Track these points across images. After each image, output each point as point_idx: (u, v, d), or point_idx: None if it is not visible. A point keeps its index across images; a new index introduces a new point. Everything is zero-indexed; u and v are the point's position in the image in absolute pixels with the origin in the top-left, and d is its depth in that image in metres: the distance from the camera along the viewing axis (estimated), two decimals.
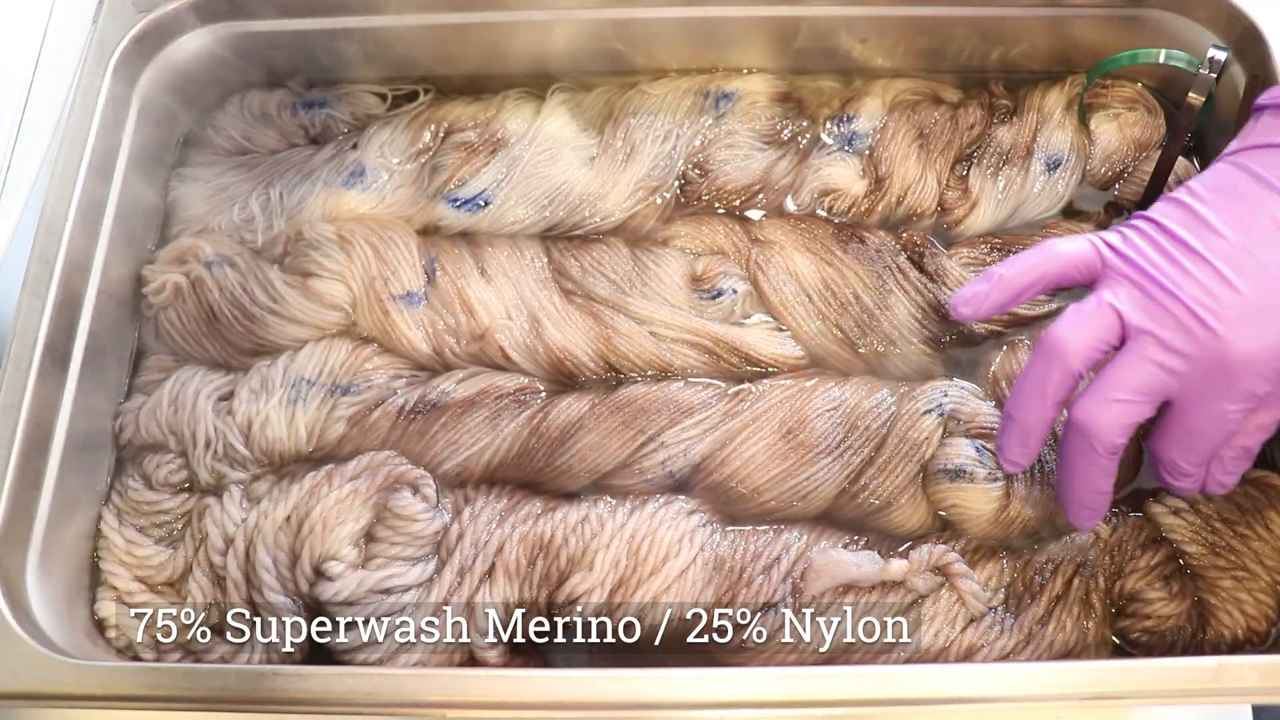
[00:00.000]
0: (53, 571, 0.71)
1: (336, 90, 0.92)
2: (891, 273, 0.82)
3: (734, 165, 0.87)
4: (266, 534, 0.72)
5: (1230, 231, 0.53)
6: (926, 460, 0.76)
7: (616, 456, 0.76)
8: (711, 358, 0.80)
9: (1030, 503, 0.74)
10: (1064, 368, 0.56)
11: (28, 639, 0.65)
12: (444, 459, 0.77)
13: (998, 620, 0.71)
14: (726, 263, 0.84)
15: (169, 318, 0.82)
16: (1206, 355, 0.52)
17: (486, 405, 0.78)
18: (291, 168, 0.88)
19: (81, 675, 0.64)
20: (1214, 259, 0.52)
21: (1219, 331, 0.51)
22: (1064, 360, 0.56)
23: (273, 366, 0.79)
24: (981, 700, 0.62)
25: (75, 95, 0.82)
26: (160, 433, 0.78)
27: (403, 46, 0.91)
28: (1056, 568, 0.72)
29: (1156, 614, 0.71)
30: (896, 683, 0.63)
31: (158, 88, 0.88)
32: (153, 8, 0.86)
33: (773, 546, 0.73)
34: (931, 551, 0.71)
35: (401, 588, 0.71)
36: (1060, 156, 0.87)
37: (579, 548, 0.72)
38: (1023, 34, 0.89)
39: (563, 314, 0.81)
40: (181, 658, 0.72)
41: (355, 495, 0.73)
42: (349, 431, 0.78)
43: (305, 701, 0.63)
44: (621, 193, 0.86)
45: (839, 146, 0.89)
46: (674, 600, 0.71)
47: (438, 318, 0.81)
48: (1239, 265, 0.52)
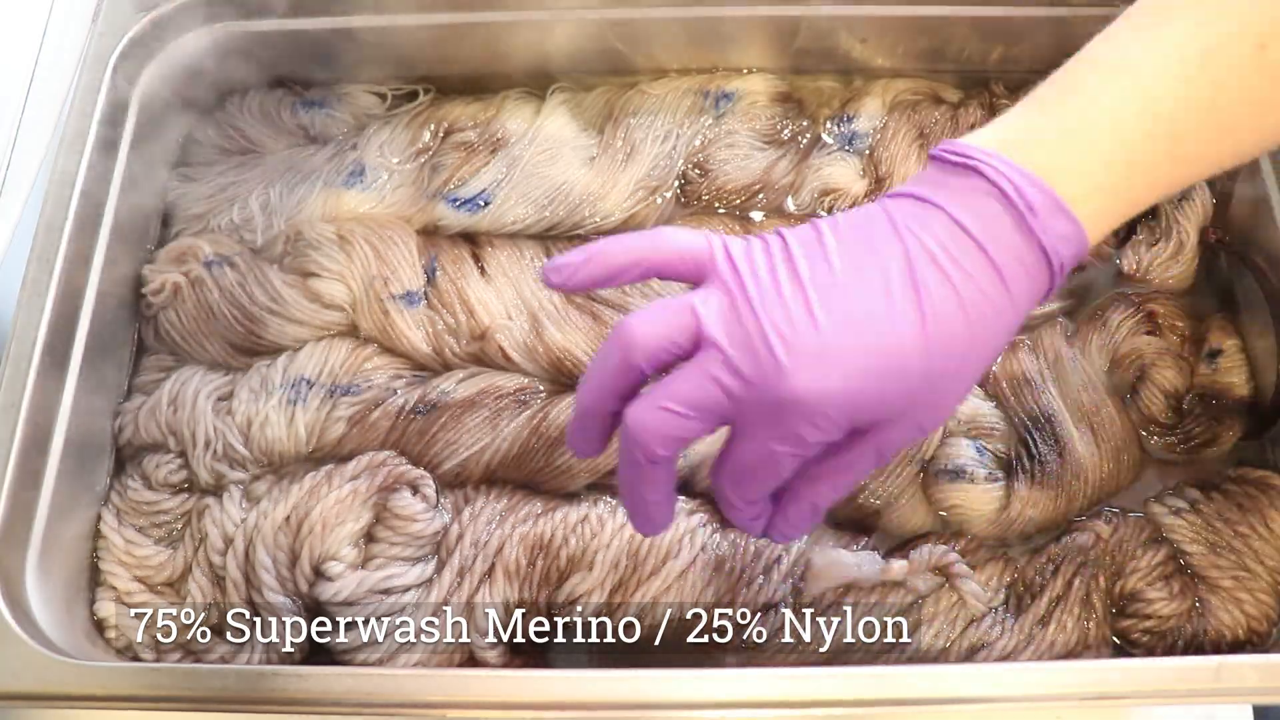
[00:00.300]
0: (52, 571, 0.71)
1: (336, 90, 0.92)
2: None
3: (734, 165, 0.87)
4: (266, 534, 0.72)
5: (842, 269, 0.49)
6: (926, 461, 0.76)
7: (616, 456, 0.76)
8: None
9: (1031, 503, 0.74)
10: (625, 358, 0.51)
11: (27, 639, 0.65)
12: (444, 459, 0.77)
13: (998, 620, 0.71)
14: None
15: (169, 318, 0.82)
16: (764, 384, 0.48)
17: (486, 405, 0.77)
18: (291, 168, 0.88)
19: (81, 675, 0.64)
20: (811, 291, 0.48)
21: (782, 363, 0.47)
22: (626, 350, 0.51)
23: (272, 366, 0.79)
24: (982, 700, 0.62)
25: (75, 95, 0.82)
26: (160, 433, 0.78)
27: (403, 46, 0.91)
28: (1057, 568, 0.72)
29: (1157, 614, 0.71)
30: (897, 683, 0.63)
31: (157, 87, 0.88)
32: (152, 7, 0.86)
33: (773, 547, 0.73)
34: (932, 552, 0.71)
35: (401, 588, 0.71)
36: None
37: (579, 548, 0.72)
38: (1023, 34, 0.89)
39: (563, 314, 0.81)
40: (181, 658, 0.71)
41: (355, 495, 0.73)
42: (349, 431, 0.78)
43: (305, 701, 0.63)
44: (621, 193, 0.86)
45: (839, 146, 0.89)
46: (674, 600, 0.71)
47: (438, 318, 0.81)
48: (831, 304, 0.48)
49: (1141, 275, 0.83)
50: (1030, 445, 0.76)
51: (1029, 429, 0.76)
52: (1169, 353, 0.79)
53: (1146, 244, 0.84)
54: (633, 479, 0.55)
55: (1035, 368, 0.78)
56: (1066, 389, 0.78)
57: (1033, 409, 0.77)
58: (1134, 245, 0.84)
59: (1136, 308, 0.81)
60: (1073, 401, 0.77)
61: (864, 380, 0.48)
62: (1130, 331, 0.80)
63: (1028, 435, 0.76)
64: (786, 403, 0.48)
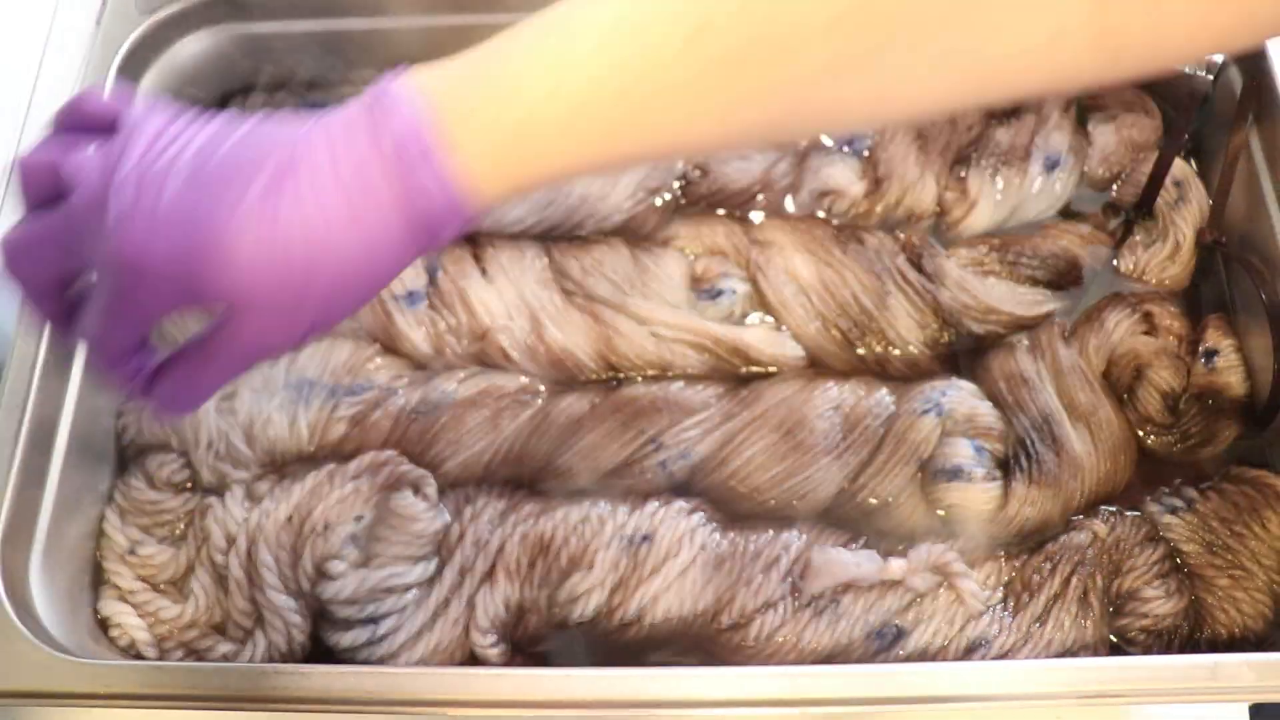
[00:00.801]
0: (56, 570, 0.71)
1: (338, 92, 0.93)
2: (890, 274, 0.82)
3: (734, 166, 0.87)
4: (268, 533, 0.73)
5: (224, 155, 0.48)
6: (925, 460, 0.76)
7: (617, 456, 0.76)
8: (711, 358, 0.81)
9: (1028, 503, 0.75)
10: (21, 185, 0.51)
11: (31, 637, 0.65)
12: (445, 459, 0.77)
13: (996, 619, 0.71)
14: (726, 263, 0.84)
15: (170, 318, 0.82)
16: (103, 233, 0.47)
17: (487, 405, 0.78)
18: None
19: (84, 674, 0.64)
20: (185, 161, 0.47)
21: (122, 213, 0.47)
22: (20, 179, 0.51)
23: (274, 366, 0.80)
24: (980, 699, 0.62)
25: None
26: (162, 432, 0.78)
27: (404, 48, 0.91)
28: (1054, 567, 0.72)
29: (1154, 613, 0.71)
30: (896, 682, 0.63)
31: (161, 89, 0.88)
32: (156, 9, 0.86)
33: (772, 546, 0.73)
34: (930, 551, 0.72)
35: (402, 587, 0.72)
36: (1058, 157, 0.87)
37: (579, 547, 0.72)
38: None
39: (563, 314, 0.81)
40: (184, 657, 0.72)
41: (357, 495, 0.73)
42: (350, 431, 0.78)
43: (306, 700, 0.63)
44: (622, 193, 0.86)
45: (838, 147, 0.89)
46: (674, 599, 0.71)
47: (439, 318, 0.81)
48: (195, 180, 0.47)
49: (1138, 276, 0.84)
50: (1028, 445, 0.76)
51: (1026, 429, 0.76)
52: (1166, 353, 0.80)
53: (1143, 245, 0.84)
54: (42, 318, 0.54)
55: (1033, 368, 0.79)
56: (1064, 389, 0.78)
57: (1030, 409, 0.77)
58: (1131, 246, 0.85)
59: (1133, 308, 0.81)
60: (1070, 401, 0.78)
61: (188, 256, 0.47)
62: (1127, 332, 0.80)
63: (1025, 435, 0.76)
64: (115, 254, 0.47)
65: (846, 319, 0.81)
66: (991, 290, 0.82)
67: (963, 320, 0.82)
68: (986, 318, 0.82)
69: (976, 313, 0.82)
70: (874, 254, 0.83)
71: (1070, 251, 0.84)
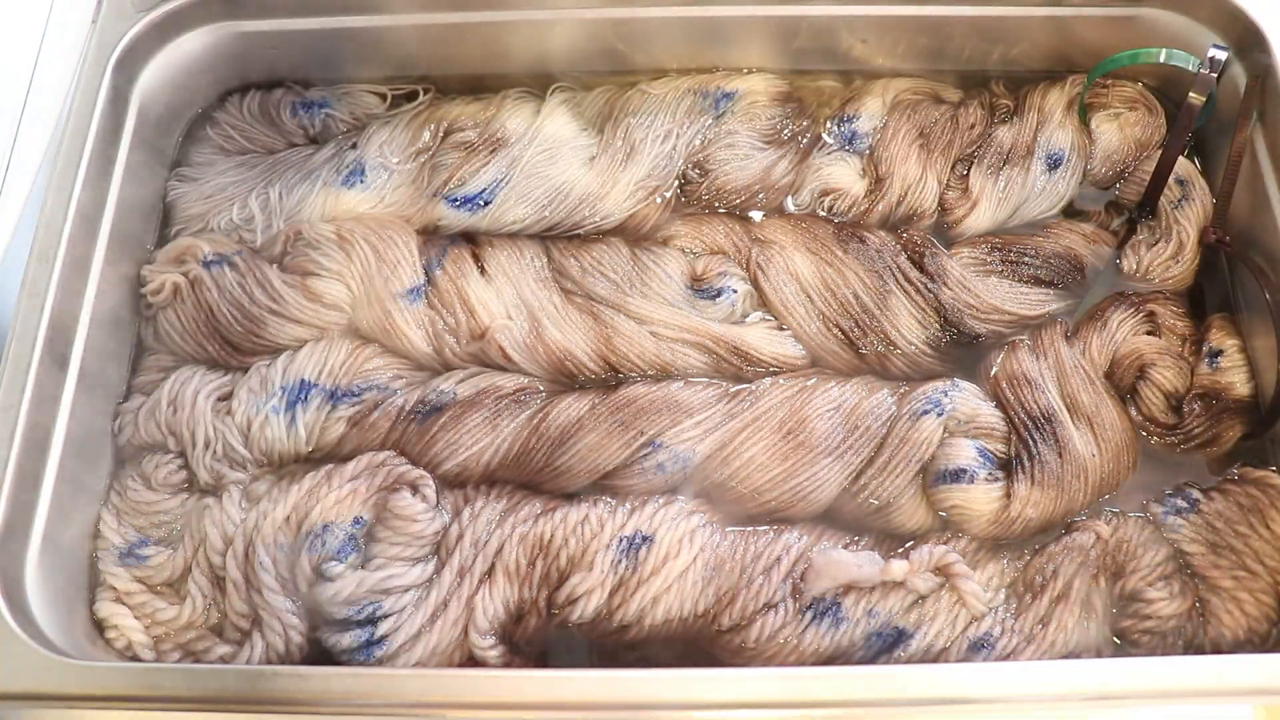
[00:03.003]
0: (52, 572, 0.71)
1: (336, 90, 0.92)
2: (892, 273, 0.82)
3: (734, 165, 0.87)
4: (266, 534, 0.72)
5: None
6: (927, 461, 0.76)
7: (617, 457, 0.76)
8: (711, 358, 0.80)
9: (1031, 503, 0.74)
10: None
11: (27, 639, 0.65)
12: (444, 459, 0.77)
13: (998, 620, 0.71)
14: (726, 263, 0.84)
15: (168, 317, 0.82)
16: None
17: (486, 405, 0.77)
18: (291, 167, 0.88)
19: (81, 675, 0.64)
20: None
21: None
22: None
23: (272, 367, 0.79)
24: (983, 701, 0.62)
25: (75, 95, 0.82)
26: (159, 433, 0.78)
27: (403, 46, 0.91)
28: (1057, 568, 0.72)
29: (1157, 614, 0.71)
30: (897, 683, 0.63)
31: (157, 87, 0.88)
32: (152, 8, 0.86)
33: (773, 547, 0.73)
34: (932, 552, 0.71)
35: (401, 588, 0.71)
36: (1061, 156, 0.86)
37: (579, 548, 0.72)
38: (1023, 33, 0.89)
39: (563, 314, 0.81)
40: (181, 658, 0.71)
41: (355, 495, 0.73)
42: (348, 432, 0.78)
43: (305, 701, 0.63)
44: (621, 192, 0.86)
45: (839, 146, 0.89)
46: (674, 600, 0.71)
47: (438, 317, 0.81)
48: None
49: (1141, 275, 0.83)
50: (1030, 445, 0.75)
51: (1029, 429, 0.76)
52: (1169, 353, 0.79)
53: (1146, 244, 0.84)
54: None
55: (1035, 368, 0.78)
56: (1066, 389, 0.78)
57: (1033, 409, 0.77)
58: (1134, 246, 0.84)
59: (1136, 308, 0.81)
60: (1072, 401, 0.77)
61: None
62: (1130, 332, 0.80)
63: (1028, 435, 0.76)
64: None
65: (848, 318, 0.81)
66: (994, 289, 0.82)
67: (965, 319, 0.81)
68: (989, 317, 0.82)
69: (978, 312, 0.82)
70: (875, 253, 0.83)
71: (1073, 251, 0.84)
